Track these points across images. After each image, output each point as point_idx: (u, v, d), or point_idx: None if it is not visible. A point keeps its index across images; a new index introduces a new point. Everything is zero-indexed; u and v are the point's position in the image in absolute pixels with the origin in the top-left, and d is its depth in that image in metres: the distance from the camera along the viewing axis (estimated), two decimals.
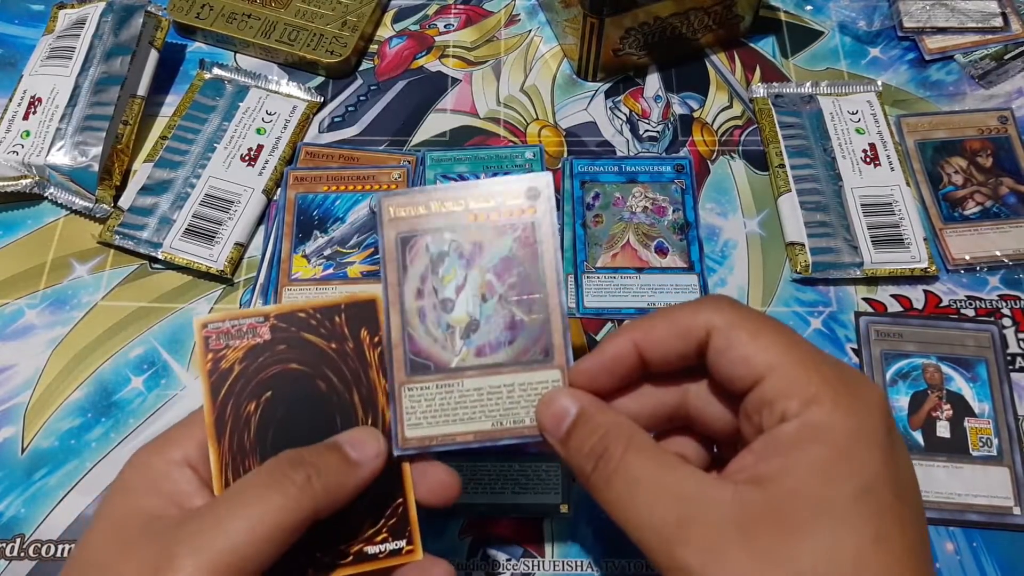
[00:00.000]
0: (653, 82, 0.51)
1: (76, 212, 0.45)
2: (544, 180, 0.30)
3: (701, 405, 0.28)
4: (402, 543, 0.28)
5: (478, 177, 0.46)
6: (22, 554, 0.36)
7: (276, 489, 0.25)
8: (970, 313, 0.43)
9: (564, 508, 0.37)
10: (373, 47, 0.52)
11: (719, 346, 0.25)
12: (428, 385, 0.30)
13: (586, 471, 0.26)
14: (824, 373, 0.24)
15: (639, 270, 0.43)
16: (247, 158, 0.46)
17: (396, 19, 0.53)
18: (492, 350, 0.30)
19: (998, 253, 0.44)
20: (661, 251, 0.44)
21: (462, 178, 0.46)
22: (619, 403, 0.28)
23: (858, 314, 0.42)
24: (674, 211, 0.45)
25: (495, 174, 0.46)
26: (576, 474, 0.27)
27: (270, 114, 0.48)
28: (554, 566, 0.36)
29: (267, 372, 0.28)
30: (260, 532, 0.24)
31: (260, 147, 0.47)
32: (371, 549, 0.28)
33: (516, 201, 0.30)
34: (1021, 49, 0.51)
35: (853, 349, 0.42)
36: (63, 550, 0.36)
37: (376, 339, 0.29)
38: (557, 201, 0.46)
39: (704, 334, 0.25)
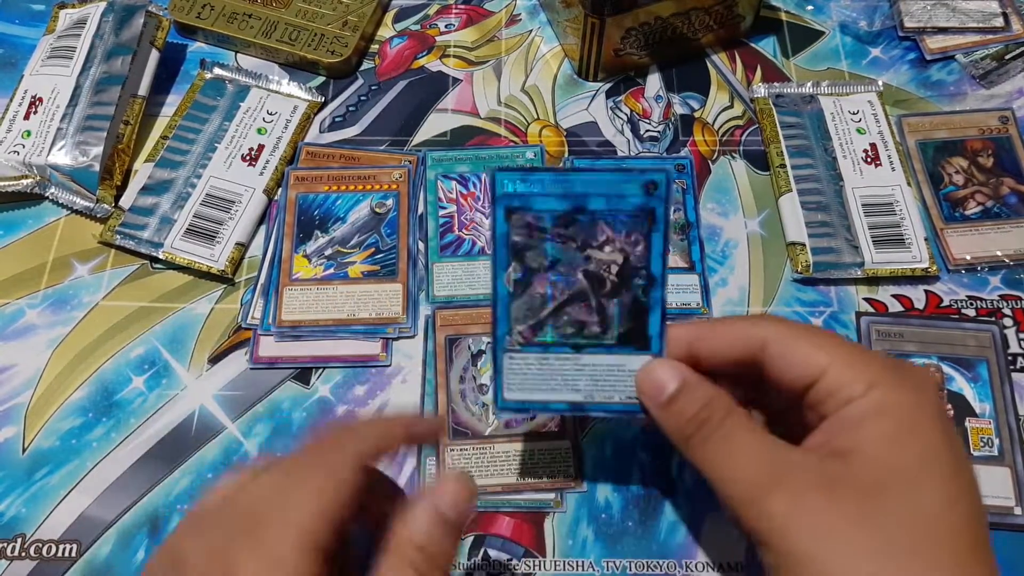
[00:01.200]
0: (654, 82, 0.50)
1: (77, 212, 0.45)
2: None
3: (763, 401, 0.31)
4: None
5: (479, 177, 0.46)
6: (23, 554, 0.36)
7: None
8: (971, 313, 0.42)
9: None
10: (374, 47, 0.52)
11: (777, 353, 0.28)
12: (466, 447, 0.39)
13: (686, 433, 0.28)
14: (879, 361, 0.27)
15: None
16: (248, 158, 0.46)
17: (397, 19, 0.53)
18: (517, 424, 0.39)
19: (999, 253, 0.44)
20: None
21: (463, 178, 0.46)
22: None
23: (859, 314, 0.42)
24: (675, 211, 0.45)
25: None
26: (673, 435, 0.29)
27: (271, 114, 0.48)
28: (555, 566, 0.36)
29: None
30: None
31: (261, 147, 0.47)
32: None
33: None
34: (1022, 49, 0.51)
35: None
36: (64, 550, 0.37)
37: None
38: None
39: (760, 345, 0.29)
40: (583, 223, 0.31)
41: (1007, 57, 0.51)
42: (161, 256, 0.43)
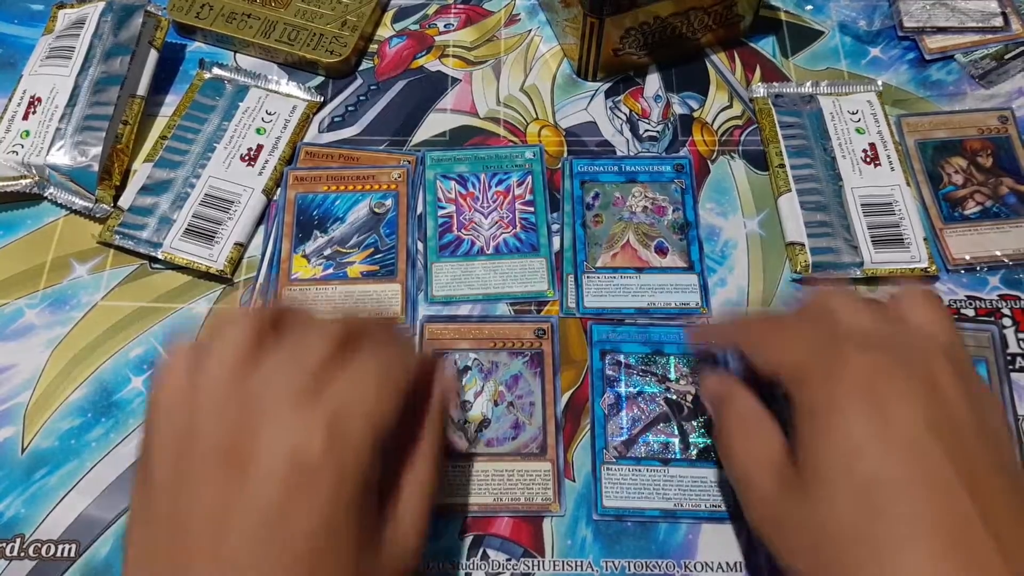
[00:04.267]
0: (653, 82, 0.50)
1: (76, 212, 0.45)
2: (550, 323, 0.41)
3: None
4: None
5: (478, 177, 0.46)
6: (22, 554, 0.36)
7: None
8: (970, 313, 0.42)
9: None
10: (373, 47, 0.52)
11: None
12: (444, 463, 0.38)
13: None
14: (803, 354, 0.30)
15: (639, 270, 0.43)
16: (247, 158, 0.46)
17: (396, 19, 0.53)
18: (499, 443, 0.39)
19: (998, 253, 0.44)
20: (661, 251, 0.44)
21: (462, 178, 0.46)
22: None
23: None
24: (674, 211, 0.45)
25: (495, 174, 0.46)
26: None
27: (270, 114, 0.48)
28: (554, 566, 0.36)
29: None
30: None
31: (260, 147, 0.47)
32: None
33: (528, 336, 0.41)
34: (1021, 49, 0.51)
35: None
36: (63, 550, 0.37)
37: None
38: (557, 202, 0.46)
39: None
40: (661, 362, 0.40)
41: (1006, 57, 0.51)
42: (160, 256, 0.43)
